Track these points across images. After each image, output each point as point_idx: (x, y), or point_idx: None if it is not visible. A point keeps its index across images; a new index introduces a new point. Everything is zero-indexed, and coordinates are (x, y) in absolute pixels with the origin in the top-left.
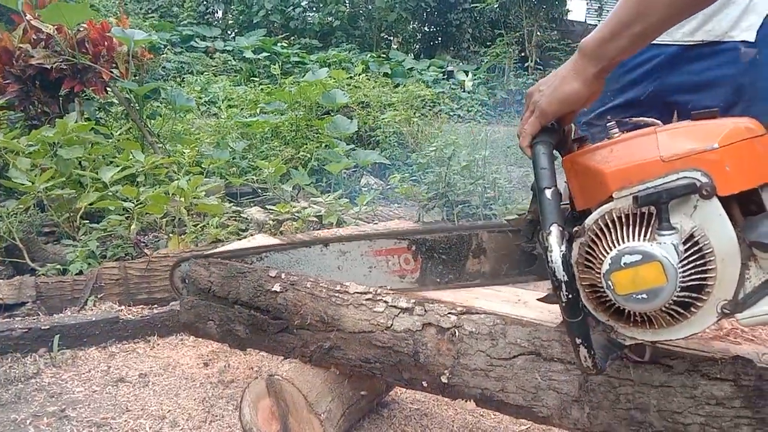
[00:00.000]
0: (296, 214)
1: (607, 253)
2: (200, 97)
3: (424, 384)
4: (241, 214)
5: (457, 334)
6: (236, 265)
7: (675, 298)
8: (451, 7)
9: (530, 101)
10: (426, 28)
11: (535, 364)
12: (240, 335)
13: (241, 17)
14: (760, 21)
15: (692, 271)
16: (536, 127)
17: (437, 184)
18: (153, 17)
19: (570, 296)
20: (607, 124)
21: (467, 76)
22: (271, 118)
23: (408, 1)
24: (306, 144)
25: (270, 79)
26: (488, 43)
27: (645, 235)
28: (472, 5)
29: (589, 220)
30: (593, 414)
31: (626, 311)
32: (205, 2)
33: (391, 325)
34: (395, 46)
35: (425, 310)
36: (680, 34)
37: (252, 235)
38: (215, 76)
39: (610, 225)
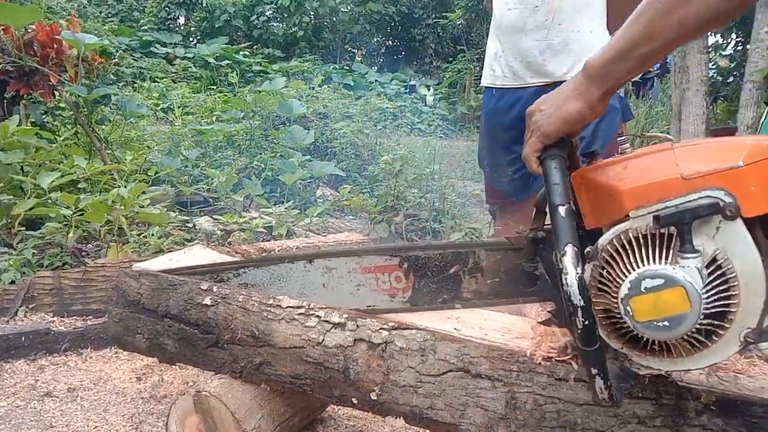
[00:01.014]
0: (244, 225)
1: (625, 277)
2: (158, 104)
3: (354, 401)
4: (187, 224)
5: (387, 349)
6: (167, 277)
7: (697, 326)
8: (415, 22)
9: (531, 121)
10: (390, 42)
11: (463, 381)
12: (169, 349)
13: (203, 24)
14: None
15: (715, 297)
16: (538, 148)
17: (386, 197)
18: (113, 21)
19: (587, 323)
20: (619, 139)
21: (429, 90)
22: (227, 126)
23: (372, 15)
24: (260, 154)
25: (230, 87)
26: (450, 59)
27: (666, 258)
28: (435, 21)
29: (602, 241)
30: None
31: (643, 339)
32: (166, 8)
33: (323, 340)
34: (359, 59)
35: (357, 325)
36: (531, 78)
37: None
38: (175, 83)
39: (627, 246)
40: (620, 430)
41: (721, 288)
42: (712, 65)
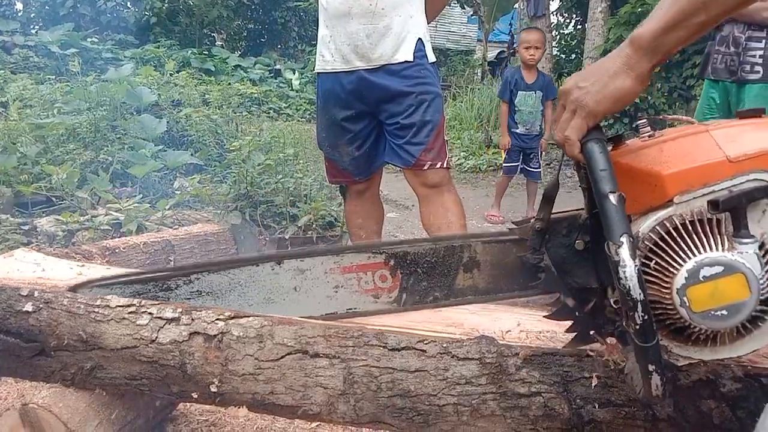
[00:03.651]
0: (87, 223)
1: (679, 266)
2: None
3: (194, 395)
4: (23, 226)
5: (224, 340)
6: None
7: (755, 313)
8: (276, 5)
9: (568, 100)
10: (251, 26)
11: (302, 362)
12: None
13: (45, 9)
14: (413, 44)
15: (766, 282)
16: (584, 130)
17: (239, 184)
18: None
19: (645, 317)
20: (638, 122)
21: (295, 74)
22: (69, 118)
23: None
24: (108, 146)
25: (76, 77)
26: (314, 42)
27: (722, 245)
28: (296, 3)
29: (644, 229)
30: (359, 406)
31: (687, 329)
32: None
33: (156, 337)
34: (220, 43)
35: (192, 319)
36: (360, 62)
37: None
38: (14, 74)
39: (675, 233)
40: (450, 391)
41: None
42: (555, 43)
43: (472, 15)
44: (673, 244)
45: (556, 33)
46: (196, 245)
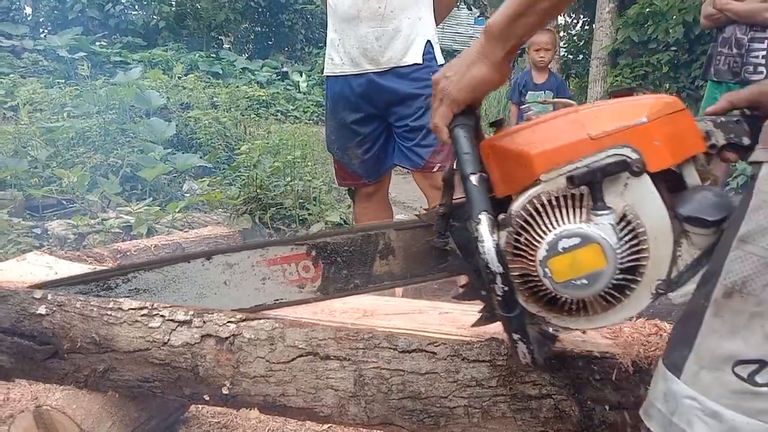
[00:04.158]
0: (97, 226)
1: (542, 239)
2: (5, 102)
3: (206, 398)
4: (34, 230)
5: (235, 342)
6: None
7: (612, 282)
8: (282, 8)
9: (437, 89)
10: (258, 29)
11: (313, 365)
12: (4, 365)
13: (54, 13)
14: (422, 46)
15: (627, 251)
16: (448, 117)
17: (249, 187)
18: None
19: (506, 289)
20: (522, 107)
21: (302, 77)
22: (78, 122)
23: (237, 1)
24: (117, 149)
25: (85, 81)
26: (321, 44)
27: (580, 217)
28: (303, 6)
29: (515, 206)
30: (369, 408)
31: (560, 300)
32: None
33: (168, 340)
34: (227, 46)
35: (204, 321)
36: (369, 65)
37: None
38: (24, 78)
39: (540, 209)
40: (461, 393)
41: (632, 242)
42: (564, 44)
43: (479, 16)
44: (538, 219)
45: (564, 33)
46: (207, 248)
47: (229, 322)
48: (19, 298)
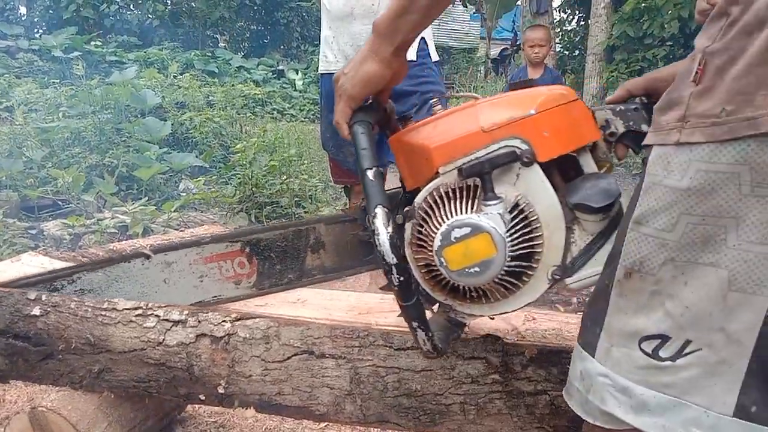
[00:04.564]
0: (93, 227)
1: (438, 230)
2: (0, 102)
3: (202, 397)
4: (30, 230)
5: (230, 341)
6: None
7: (506, 269)
8: (278, 6)
9: (338, 86)
10: (254, 27)
11: (309, 363)
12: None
13: (48, 13)
14: (417, 43)
15: (520, 239)
16: (348, 113)
17: (244, 185)
18: None
19: (402, 279)
20: (431, 101)
21: (298, 74)
22: (74, 122)
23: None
24: (113, 149)
25: (80, 80)
26: (317, 42)
27: (472, 208)
28: (298, 4)
29: (418, 199)
30: (365, 406)
31: (462, 288)
32: None
33: (163, 340)
34: (222, 45)
35: (198, 321)
36: None
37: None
38: (19, 78)
39: (438, 201)
40: (457, 390)
41: (525, 230)
42: (559, 40)
43: (474, 13)
44: (436, 211)
45: (559, 30)
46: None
47: (224, 321)
48: (13, 299)
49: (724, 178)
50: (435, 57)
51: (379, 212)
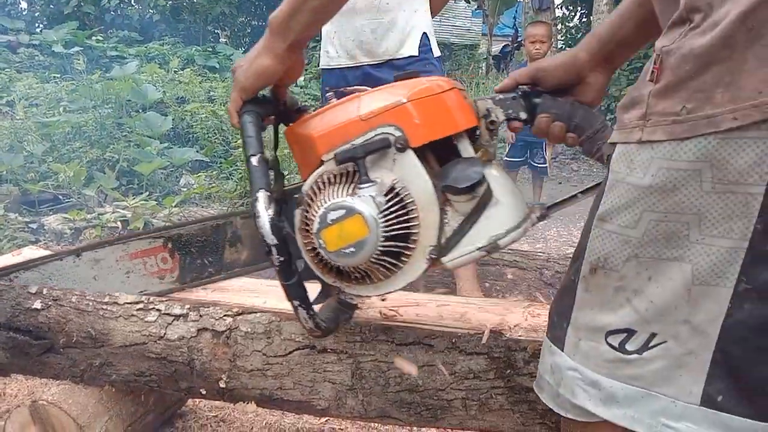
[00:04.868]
0: (94, 221)
1: (317, 213)
2: (1, 97)
3: (203, 391)
4: (30, 225)
5: (232, 336)
6: None
7: (382, 248)
8: (279, 1)
9: (234, 77)
10: (254, 22)
11: (310, 358)
12: (0, 360)
13: (49, 8)
14: (418, 38)
15: (395, 220)
16: (238, 103)
17: (245, 180)
18: None
19: (282, 259)
20: (327, 95)
21: None
22: (74, 117)
23: None
24: (114, 144)
25: (81, 75)
26: (317, 38)
27: (347, 192)
28: None
29: (305, 186)
30: (367, 400)
31: (347, 270)
32: None
33: (165, 334)
34: (223, 40)
35: (200, 315)
36: (364, 57)
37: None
38: (20, 73)
39: (321, 187)
40: (459, 386)
41: (401, 212)
42: (561, 36)
43: (476, 9)
44: (319, 196)
45: (561, 26)
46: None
47: (225, 315)
48: (14, 293)
49: (685, 176)
50: (437, 52)
51: (260, 196)
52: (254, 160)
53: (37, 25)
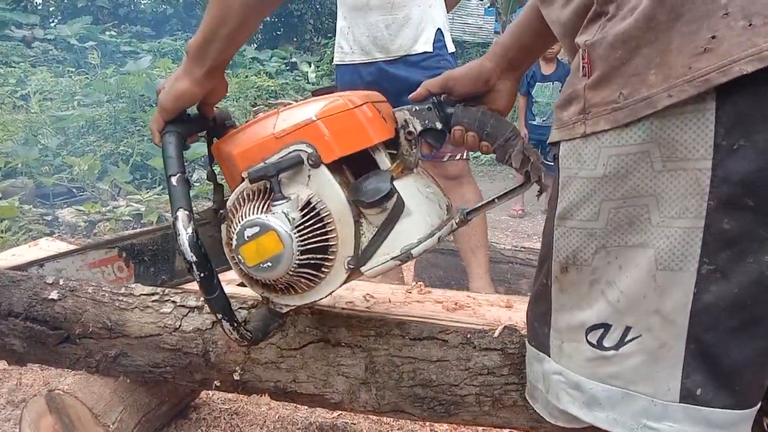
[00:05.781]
0: (108, 214)
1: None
2: (16, 91)
3: (217, 383)
4: (45, 217)
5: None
6: (8, 273)
7: (299, 262)
8: None
9: (158, 97)
10: (267, 18)
11: (324, 351)
12: (17, 350)
13: (64, 2)
14: (433, 34)
15: (312, 234)
16: (160, 123)
17: None
18: None
19: (203, 275)
20: (254, 109)
21: (311, 67)
22: (89, 111)
23: None
24: (127, 138)
25: (95, 70)
26: (330, 35)
27: (262, 209)
28: None
29: (228, 203)
30: (380, 394)
31: (272, 282)
32: None
33: (180, 325)
34: None
35: None
36: (379, 53)
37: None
38: (34, 67)
39: (242, 203)
40: (472, 381)
41: (318, 226)
42: None
43: (489, 7)
44: (238, 213)
45: None
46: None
47: (240, 308)
48: (31, 283)
49: (635, 159)
50: (451, 48)
51: (180, 215)
52: (174, 180)
53: (51, 19)
